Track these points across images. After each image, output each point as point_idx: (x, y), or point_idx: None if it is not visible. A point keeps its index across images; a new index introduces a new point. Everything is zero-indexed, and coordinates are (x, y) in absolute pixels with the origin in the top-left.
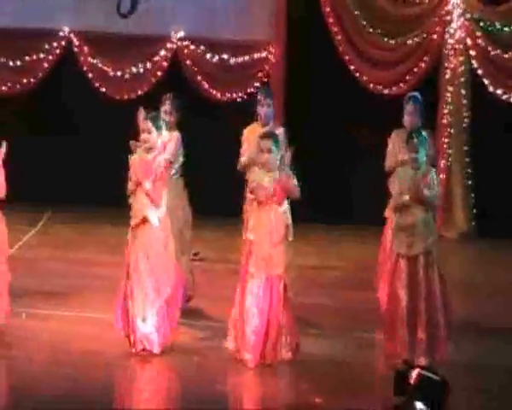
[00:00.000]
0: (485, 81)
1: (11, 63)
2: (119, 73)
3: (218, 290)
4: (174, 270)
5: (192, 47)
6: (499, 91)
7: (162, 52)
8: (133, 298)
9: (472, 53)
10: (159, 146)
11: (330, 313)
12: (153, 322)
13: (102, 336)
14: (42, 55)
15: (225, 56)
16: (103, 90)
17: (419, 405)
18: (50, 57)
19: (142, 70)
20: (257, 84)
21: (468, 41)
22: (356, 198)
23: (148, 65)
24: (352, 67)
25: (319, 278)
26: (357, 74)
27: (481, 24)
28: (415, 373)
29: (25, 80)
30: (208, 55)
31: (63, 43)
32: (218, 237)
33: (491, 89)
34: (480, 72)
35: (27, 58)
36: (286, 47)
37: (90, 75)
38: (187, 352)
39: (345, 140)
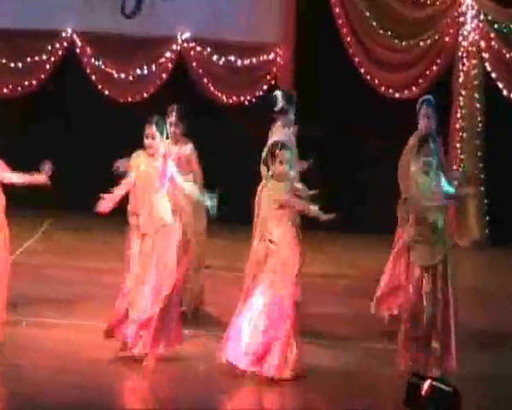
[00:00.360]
0: (500, 84)
1: (12, 65)
2: (123, 76)
3: (226, 298)
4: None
5: (198, 49)
6: None
7: (167, 54)
8: (134, 304)
9: (485, 55)
10: (162, 152)
11: (341, 323)
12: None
13: (107, 344)
14: (44, 57)
15: (232, 58)
16: (107, 92)
17: None
18: (53, 59)
19: (146, 72)
20: (264, 87)
21: (482, 43)
22: (368, 205)
23: (153, 67)
24: (363, 70)
25: (330, 287)
26: (368, 77)
27: (495, 26)
28: (426, 384)
29: (26, 82)
30: (215, 57)
31: (65, 44)
32: (227, 245)
33: (505, 92)
34: (493, 75)
35: (29, 59)
36: (294, 49)
37: (94, 77)
38: (193, 361)
39: (355, 144)
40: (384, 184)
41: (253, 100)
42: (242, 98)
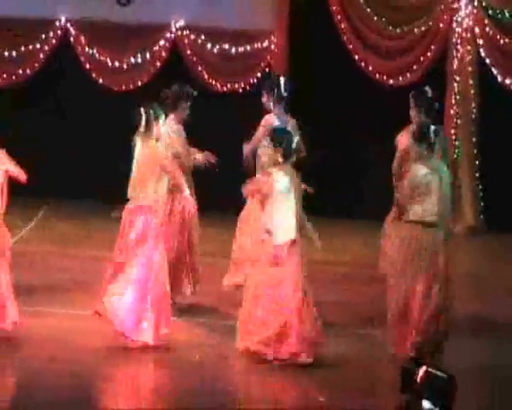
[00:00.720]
0: (494, 71)
1: (6, 54)
2: (117, 64)
3: (220, 287)
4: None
5: (192, 37)
6: (508, 81)
7: (161, 42)
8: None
9: (480, 41)
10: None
11: (336, 310)
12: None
13: (103, 332)
14: (38, 46)
15: (226, 46)
16: (101, 81)
17: (426, 403)
18: (46, 47)
19: (140, 60)
20: (258, 75)
21: (477, 29)
22: (358, 193)
23: (147, 55)
24: (357, 57)
25: (324, 274)
26: (362, 64)
27: (490, 12)
28: (421, 371)
29: (20, 71)
30: (209, 45)
31: (59, 32)
32: (220, 232)
33: (499, 78)
34: (488, 61)
35: (23, 48)
36: (288, 36)
37: (88, 66)
38: (188, 349)
39: (349, 133)
40: (376, 171)
41: (247, 87)
42: (237, 86)
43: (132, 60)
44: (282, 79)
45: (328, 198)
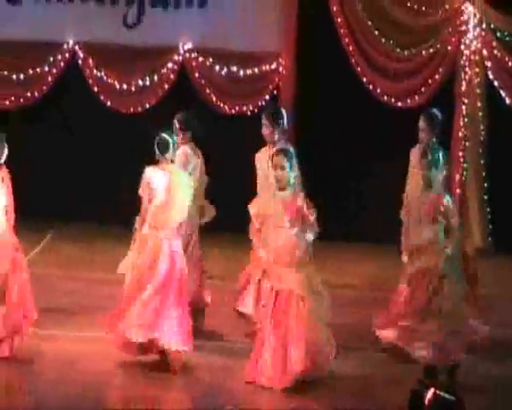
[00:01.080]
0: (502, 93)
1: (14, 76)
2: (125, 86)
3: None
4: None
5: (200, 59)
6: None
7: (169, 64)
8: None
9: (488, 64)
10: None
11: (343, 333)
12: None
13: (107, 355)
14: (46, 68)
15: (234, 68)
16: (109, 103)
17: None
18: (54, 70)
19: (148, 83)
20: (267, 97)
21: (485, 52)
22: (371, 216)
23: (155, 77)
24: (365, 79)
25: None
26: (370, 86)
27: (498, 34)
28: (430, 393)
29: (28, 94)
30: (217, 68)
31: (67, 55)
32: (227, 255)
33: (508, 101)
34: (496, 83)
35: (31, 71)
36: (296, 58)
37: (96, 88)
38: (198, 371)
39: (357, 155)
40: (388, 194)
41: (256, 110)
42: (245, 108)
43: (140, 82)
44: (284, 111)
45: (335, 221)
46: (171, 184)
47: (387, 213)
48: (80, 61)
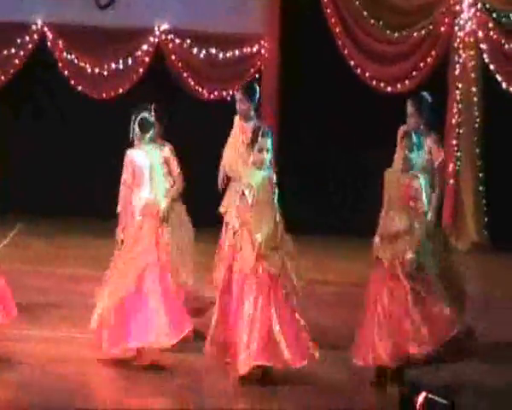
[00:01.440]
0: (498, 77)
1: None
2: (97, 70)
3: None
4: None
5: (177, 41)
6: None
7: (144, 47)
8: None
9: (483, 46)
10: None
11: (324, 332)
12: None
13: (86, 356)
14: (13, 51)
15: (213, 51)
16: (80, 88)
17: None
18: (22, 53)
19: (122, 66)
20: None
21: (480, 33)
22: (354, 210)
23: (129, 61)
24: (352, 63)
25: (316, 295)
26: (358, 70)
27: (494, 14)
28: (421, 397)
29: None
30: (195, 50)
31: (36, 36)
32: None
33: (504, 85)
34: (492, 67)
35: None
36: (280, 41)
37: (66, 72)
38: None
39: (342, 140)
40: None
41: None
42: (225, 93)
43: (113, 66)
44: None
45: (326, 216)
46: (152, 165)
47: (376, 205)
48: (49, 44)
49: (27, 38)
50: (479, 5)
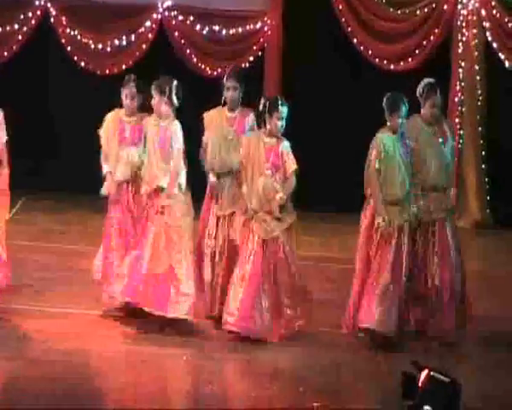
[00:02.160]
0: (501, 55)
1: None
2: (100, 46)
3: None
4: None
5: (180, 17)
6: None
7: (147, 23)
8: None
9: (486, 25)
10: None
11: (331, 308)
12: None
13: (89, 333)
14: (16, 27)
15: (217, 28)
16: (83, 64)
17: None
18: (25, 29)
19: (125, 43)
20: (251, 59)
21: (483, 11)
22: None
23: (132, 37)
24: (355, 40)
25: (323, 271)
26: (361, 48)
27: None
28: (423, 375)
29: None
30: (198, 27)
31: (39, 12)
32: None
33: (507, 64)
34: (495, 45)
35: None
36: (283, 18)
37: (69, 48)
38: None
39: (345, 119)
40: None
41: None
42: (227, 70)
43: (116, 42)
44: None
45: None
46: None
47: None
48: (52, 19)
49: (30, 14)
50: None
